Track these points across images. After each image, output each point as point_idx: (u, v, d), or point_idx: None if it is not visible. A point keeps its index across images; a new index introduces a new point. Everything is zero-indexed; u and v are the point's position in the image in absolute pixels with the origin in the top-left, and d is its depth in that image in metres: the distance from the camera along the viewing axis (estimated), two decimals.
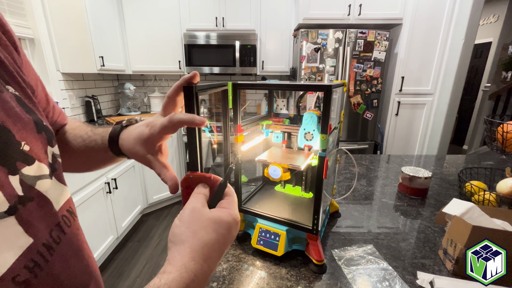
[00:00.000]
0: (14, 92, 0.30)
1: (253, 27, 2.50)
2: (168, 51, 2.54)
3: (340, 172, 1.20)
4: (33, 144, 0.29)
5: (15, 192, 0.26)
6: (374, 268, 0.59)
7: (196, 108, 0.35)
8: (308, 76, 2.24)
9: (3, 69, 0.30)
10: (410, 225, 0.77)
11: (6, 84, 0.29)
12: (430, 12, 2.16)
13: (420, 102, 2.38)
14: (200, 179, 0.34)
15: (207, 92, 0.38)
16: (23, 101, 0.30)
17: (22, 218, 0.26)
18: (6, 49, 0.32)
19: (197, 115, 0.35)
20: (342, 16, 2.20)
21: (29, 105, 0.31)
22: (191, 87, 0.33)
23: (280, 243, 0.60)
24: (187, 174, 0.34)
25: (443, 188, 1.02)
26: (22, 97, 0.31)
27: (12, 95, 0.29)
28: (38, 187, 0.29)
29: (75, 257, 0.33)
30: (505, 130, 0.71)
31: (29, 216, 0.27)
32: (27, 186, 0.27)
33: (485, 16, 3.96)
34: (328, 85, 0.47)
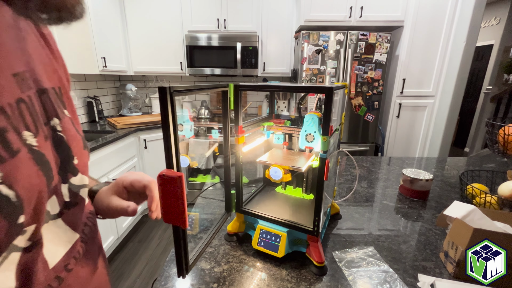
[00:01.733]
0: (68, 115, 0.36)
1: (254, 29, 2.50)
2: (169, 52, 2.55)
3: (341, 174, 1.20)
4: (80, 158, 0.36)
5: (63, 199, 0.32)
6: (375, 270, 0.59)
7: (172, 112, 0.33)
8: (309, 78, 2.24)
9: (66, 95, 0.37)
10: (411, 227, 0.77)
11: (64, 108, 0.35)
12: (431, 14, 2.16)
13: (422, 104, 2.38)
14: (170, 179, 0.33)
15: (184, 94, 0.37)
16: (73, 123, 0.37)
17: (67, 219, 0.33)
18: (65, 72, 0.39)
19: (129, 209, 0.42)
20: (344, 18, 2.21)
21: (76, 126, 0.37)
22: (164, 87, 0.32)
23: (281, 245, 0.59)
24: (161, 172, 0.34)
25: (444, 191, 1.02)
26: (73, 119, 0.37)
27: (68, 118, 0.35)
28: (82, 194, 0.36)
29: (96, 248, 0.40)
30: (506, 133, 0.71)
31: (74, 217, 0.34)
32: (73, 193, 0.34)
33: (487, 19, 3.96)
34: (330, 87, 0.47)
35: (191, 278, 0.56)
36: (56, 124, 0.32)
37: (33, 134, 0.27)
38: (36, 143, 0.27)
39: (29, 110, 0.28)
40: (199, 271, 0.58)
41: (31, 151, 0.26)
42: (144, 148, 2.26)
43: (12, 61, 0.27)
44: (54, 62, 0.36)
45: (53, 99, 0.32)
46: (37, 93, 0.30)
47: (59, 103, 0.34)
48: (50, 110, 0.31)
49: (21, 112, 0.26)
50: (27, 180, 0.25)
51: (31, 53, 0.30)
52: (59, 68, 0.37)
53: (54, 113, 0.32)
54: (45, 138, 0.29)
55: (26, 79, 0.28)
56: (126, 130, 2.06)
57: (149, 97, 2.90)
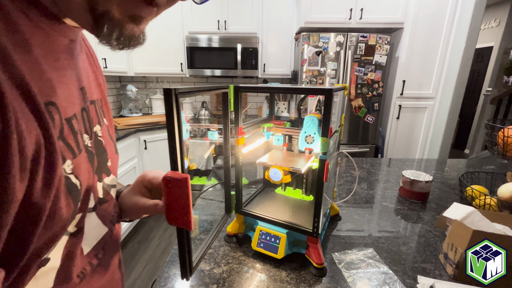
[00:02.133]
0: (106, 123, 0.42)
1: (255, 30, 2.51)
2: (170, 53, 2.55)
3: (341, 176, 1.20)
4: (113, 161, 0.41)
5: (98, 195, 0.36)
6: (374, 271, 0.58)
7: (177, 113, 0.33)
8: (309, 79, 2.24)
9: (106, 105, 0.43)
10: (411, 229, 0.77)
11: (104, 117, 0.41)
12: (431, 16, 2.17)
13: (421, 105, 2.38)
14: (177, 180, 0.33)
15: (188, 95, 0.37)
16: (109, 130, 0.43)
17: (100, 214, 0.37)
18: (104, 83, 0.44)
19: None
20: (344, 20, 2.21)
21: (111, 133, 0.43)
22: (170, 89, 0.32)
23: (280, 246, 0.60)
24: (166, 174, 0.34)
25: (444, 192, 1.02)
26: (109, 127, 0.43)
27: (106, 126, 0.41)
28: (112, 192, 0.40)
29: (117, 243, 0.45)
30: (505, 135, 0.71)
31: (104, 213, 0.38)
32: (106, 191, 0.39)
33: (487, 21, 3.97)
34: (329, 89, 0.48)
35: (191, 279, 0.56)
36: (98, 130, 0.38)
37: (89, 137, 0.34)
38: (90, 145, 0.34)
39: (88, 117, 0.34)
40: (199, 272, 0.58)
41: (87, 151, 0.32)
42: (144, 149, 2.26)
43: (80, 77, 0.34)
44: (98, 77, 0.42)
45: (98, 109, 0.39)
46: (89, 104, 0.36)
47: (101, 112, 0.40)
48: (95, 118, 0.38)
49: (83, 118, 0.33)
50: (84, 174, 0.31)
51: (87, 70, 0.37)
52: (102, 81, 0.43)
53: (97, 121, 0.38)
54: (93, 141, 0.36)
55: (86, 92, 0.35)
56: (126, 130, 2.07)
57: (149, 98, 2.91)
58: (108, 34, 0.27)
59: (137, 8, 0.27)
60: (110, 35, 0.27)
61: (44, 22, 0.26)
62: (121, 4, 0.26)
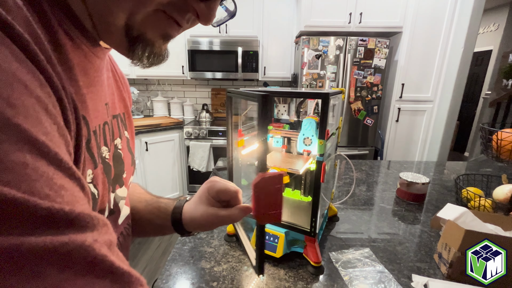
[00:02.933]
0: (127, 136, 0.43)
1: (255, 34, 2.54)
2: (171, 56, 2.50)
3: (340, 178, 1.21)
4: (128, 173, 0.42)
5: (110, 206, 0.36)
6: (370, 270, 0.60)
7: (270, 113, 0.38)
8: (309, 82, 2.27)
9: (129, 119, 0.44)
10: (407, 230, 0.79)
11: (125, 130, 0.43)
12: (429, 20, 2.19)
13: (420, 108, 2.40)
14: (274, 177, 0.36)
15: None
16: (129, 142, 0.44)
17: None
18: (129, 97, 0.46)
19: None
20: (343, 24, 2.24)
21: (131, 147, 0.44)
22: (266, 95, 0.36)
23: (279, 245, 0.61)
24: (261, 175, 0.36)
25: (441, 194, 1.04)
26: (130, 140, 0.44)
27: (126, 138, 0.43)
28: (120, 204, 0.40)
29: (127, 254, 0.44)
30: (499, 138, 0.73)
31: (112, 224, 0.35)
32: (115, 203, 0.39)
33: (486, 25, 4.00)
34: (325, 93, 0.50)
35: (191, 276, 0.58)
36: (118, 143, 0.39)
37: (108, 149, 0.35)
38: (108, 157, 0.35)
39: (109, 130, 0.36)
40: (199, 270, 0.60)
41: (103, 163, 0.33)
42: (146, 150, 2.28)
43: (105, 93, 0.35)
44: (123, 92, 0.44)
45: (120, 123, 0.41)
46: (112, 117, 0.38)
47: (122, 125, 0.42)
48: (116, 131, 0.39)
49: (105, 132, 0.34)
50: (100, 185, 0.32)
51: (112, 86, 0.39)
52: (126, 96, 0.45)
53: (118, 134, 0.40)
54: (112, 153, 0.37)
55: (109, 107, 0.37)
56: None
57: (150, 100, 2.93)
58: (140, 54, 0.28)
59: (170, 27, 0.29)
60: (143, 55, 0.29)
61: (84, 43, 0.28)
62: (156, 26, 0.27)
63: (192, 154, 2.51)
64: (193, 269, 0.60)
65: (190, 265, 0.61)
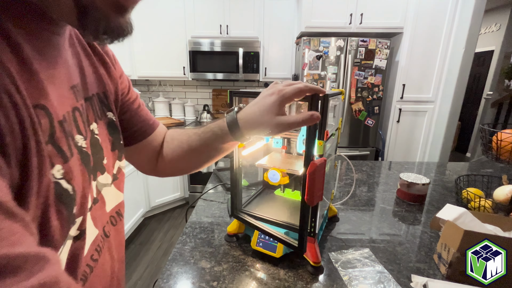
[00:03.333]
0: (110, 117, 0.40)
1: (256, 35, 2.55)
2: (173, 57, 2.59)
3: (341, 178, 1.21)
4: (109, 159, 0.39)
5: (93, 195, 0.35)
6: (369, 271, 0.60)
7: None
8: (310, 83, 2.27)
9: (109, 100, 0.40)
10: (407, 230, 0.79)
11: (108, 111, 0.40)
12: (430, 21, 2.19)
13: (421, 109, 2.40)
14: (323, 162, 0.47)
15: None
16: (114, 124, 0.41)
17: (92, 215, 0.35)
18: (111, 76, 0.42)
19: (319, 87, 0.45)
20: (344, 25, 2.24)
21: (117, 128, 0.41)
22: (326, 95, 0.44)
23: (279, 245, 0.62)
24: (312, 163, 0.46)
25: (442, 195, 1.04)
26: (114, 119, 0.41)
27: (108, 120, 0.40)
28: (103, 192, 0.38)
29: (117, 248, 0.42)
30: (499, 139, 0.73)
31: (95, 213, 0.36)
32: (97, 190, 0.37)
33: (487, 25, 3.99)
34: (325, 95, 0.50)
35: (191, 276, 0.59)
36: (94, 128, 0.36)
37: (83, 137, 0.32)
38: (85, 145, 0.32)
39: (81, 116, 0.32)
40: (200, 270, 0.60)
41: (81, 152, 0.31)
42: None
43: (71, 75, 0.32)
44: (99, 68, 0.39)
45: (97, 105, 0.37)
46: (85, 101, 0.34)
47: (101, 108, 0.38)
48: (91, 116, 0.36)
49: (76, 118, 0.31)
50: (79, 177, 0.29)
51: (81, 64, 0.35)
52: (105, 72, 0.40)
53: (93, 118, 0.36)
54: (89, 140, 0.34)
55: (79, 90, 0.33)
56: None
57: (152, 101, 2.95)
58: (94, 28, 0.26)
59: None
60: (97, 30, 0.26)
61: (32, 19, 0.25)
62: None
63: None
64: (193, 269, 0.61)
65: (191, 265, 0.62)
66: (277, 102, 0.41)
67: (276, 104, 0.41)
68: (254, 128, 0.43)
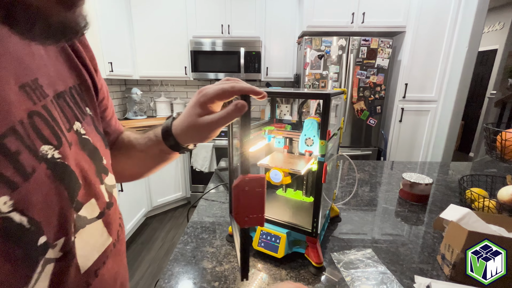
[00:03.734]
0: (89, 113, 0.35)
1: (257, 34, 2.55)
2: (174, 57, 2.60)
3: (343, 178, 1.21)
4: (107, 158, 0.35)
5: (105, 200, 0.32)
6: (372, 271, 0.60)
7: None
8: (311, 83, 2.26)
9: (87, 93, 0.36)
10: (410, 231, 0.78)
11: (86, 106, 0.35)
12: (433, 20, 2.18)
13: (424, 109, 2.38)
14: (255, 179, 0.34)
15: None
16: (95, 121, 0.36)
17: (106, 221, 0.32)
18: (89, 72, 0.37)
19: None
20: (346, 24, 2.23)
21: (98, 125, 0.37)
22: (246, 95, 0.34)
23: (281, 246, 0.61)
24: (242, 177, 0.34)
25: (445, 195, 1.03)
26: (94, 117, 0.36)
27: (90, 117, 0.35)
28: (114, 194, 0.35)
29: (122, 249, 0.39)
30: (503, 138, 0.72)
31: (110, 219, 0.33)
32: (109, 193, 0.33)
33: (491, 24, 3.96)
34: (327, 94, 0.50)
35: (193, 276, 0.58)
36: (79, 127, 0.31)
37: (54, 147, 0.25)
38: (59, 155, 0.26)
39: (45, 121, 0.25)
40: (201, 270, 0.60)
41: (52, 166, 0.25)
42: None
43: (22, 70, 0.25)
44: (72, 57, 0.34)
45: (71, 101, 0.31)
46: (55, 99, 0.28)
47: (79, 102, 0.33)
48: (70, 114, 0.30)
49: (36, 126, 0.24)
50: (43, 200, 0.24)
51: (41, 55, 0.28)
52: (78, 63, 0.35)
53: (74, 116, 0.30)
54: (69, 146, 0.28)
55: (37, 87, 0.26)
56: None
57: (153, 101, 2.95)
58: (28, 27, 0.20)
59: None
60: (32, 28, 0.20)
61: None
62: None
63: (195, 155, 2.52)
64: (195, 269, 0.60)
65: (192, 265, 0.62)
66: (197, 103, 0.37)
67: (196, 105, 0.37)
68: (185, 134, 0.39)
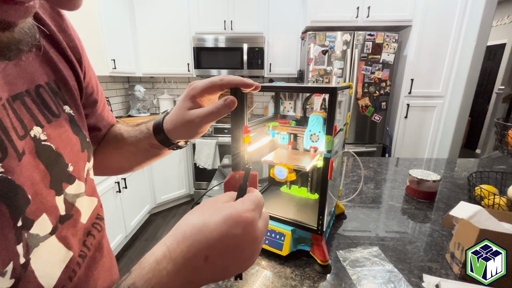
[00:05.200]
0: (69, 112, 0.33)
1: (261, 30, 2.52)
2: (177, 54, 2.59)
3: (348, 175, 1.19)
4: (76, 163, 0.32)
5: (58, 213, 0.29)
6: (379, 270, 0.59)
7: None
8: (315, 79, 2.24)
9: (66, 89, 0.33)
10: (417, 228, 0.77)
11: (64, 104, 0.32)
12: (440, 13, 2.13)
13: (430, 104, 2.34)
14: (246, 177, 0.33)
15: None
16: (75, 120, 0.34)
17: (60, 236, 0.29)
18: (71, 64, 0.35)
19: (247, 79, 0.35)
20: (350, 18, 2.20)
21: (79, 124, 0.34)
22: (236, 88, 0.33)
23: (285, 243, 0.60)
24: (232, 174, 0.33)
25: (453, 192, 1.01)
26: (75, 115, 0.34)
27: (67, 115, 0.32)
28: (77, 204, 0.32)
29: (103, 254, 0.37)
30: None
31: (66, 232, 0.30)
32: (69, 204, 0.31)
33: (499, 17, 3.86)
34: (333, 87, 0.48)
35: None
36: (38, 132, 0.27)
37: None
38: (2, 169, 0.23)
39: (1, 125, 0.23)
40: None
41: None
42: None
43: None
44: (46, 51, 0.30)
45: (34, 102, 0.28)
46: (8, 103, 0.25)
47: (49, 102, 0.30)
48: (27, 118, 0.26)
49: None
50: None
51: None
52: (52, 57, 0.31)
53: (34, 120, 0.27)
54: (19, 156, 0.25)
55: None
56: None
57: (157, 98, 2.95)
58: None
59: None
60: None
61: None
62: None
63: (198, 152, 2.51)
64: None
65: None
66: (187, 96, 0.37)
67: (186, 99, 0.37)
68: (174, 129, 0.39)
